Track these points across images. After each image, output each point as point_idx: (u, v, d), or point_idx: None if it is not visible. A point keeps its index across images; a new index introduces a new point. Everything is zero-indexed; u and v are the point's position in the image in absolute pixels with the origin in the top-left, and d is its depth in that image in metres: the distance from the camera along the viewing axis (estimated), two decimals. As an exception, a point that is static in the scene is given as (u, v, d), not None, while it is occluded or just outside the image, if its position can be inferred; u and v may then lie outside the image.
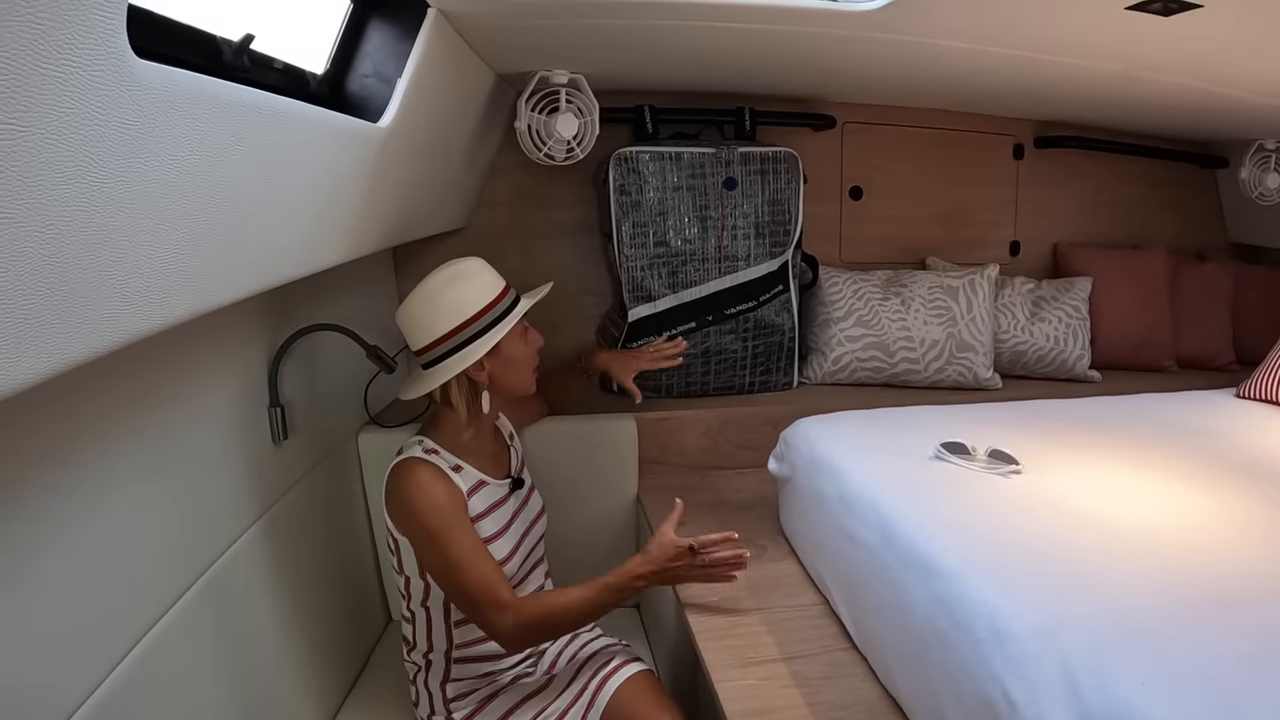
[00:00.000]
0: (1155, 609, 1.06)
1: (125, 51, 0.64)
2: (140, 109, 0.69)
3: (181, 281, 0.86)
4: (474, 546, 1.36)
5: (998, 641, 1.04)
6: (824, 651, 1.45)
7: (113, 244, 0.71)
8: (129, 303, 0.77)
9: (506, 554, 1.47)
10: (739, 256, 2.34)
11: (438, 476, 1.38)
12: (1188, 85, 2.06)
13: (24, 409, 0.87)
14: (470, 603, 1.35)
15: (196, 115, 0.78)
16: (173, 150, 0.76)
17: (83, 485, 1.00)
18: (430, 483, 1.37)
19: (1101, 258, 2.88)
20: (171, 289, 0.84)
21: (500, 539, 1.47)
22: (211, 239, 0.89)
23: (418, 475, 1.37)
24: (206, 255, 0.89)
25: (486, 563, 1.36)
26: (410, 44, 1.37)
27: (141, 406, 1.12)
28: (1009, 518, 1.33)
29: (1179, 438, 1.76)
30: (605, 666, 1.53)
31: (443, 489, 1.37)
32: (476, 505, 1.44)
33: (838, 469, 1.58)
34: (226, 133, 0.85)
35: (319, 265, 1.31)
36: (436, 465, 1.40)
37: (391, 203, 1.59)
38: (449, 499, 1.37)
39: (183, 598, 1.20)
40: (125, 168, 0.69)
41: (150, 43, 0.83)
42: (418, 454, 1.41)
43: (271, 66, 1.20)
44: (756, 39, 1.74)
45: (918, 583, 1.22)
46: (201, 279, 0.90)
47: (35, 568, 0.90)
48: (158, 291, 0.81)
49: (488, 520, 1.46)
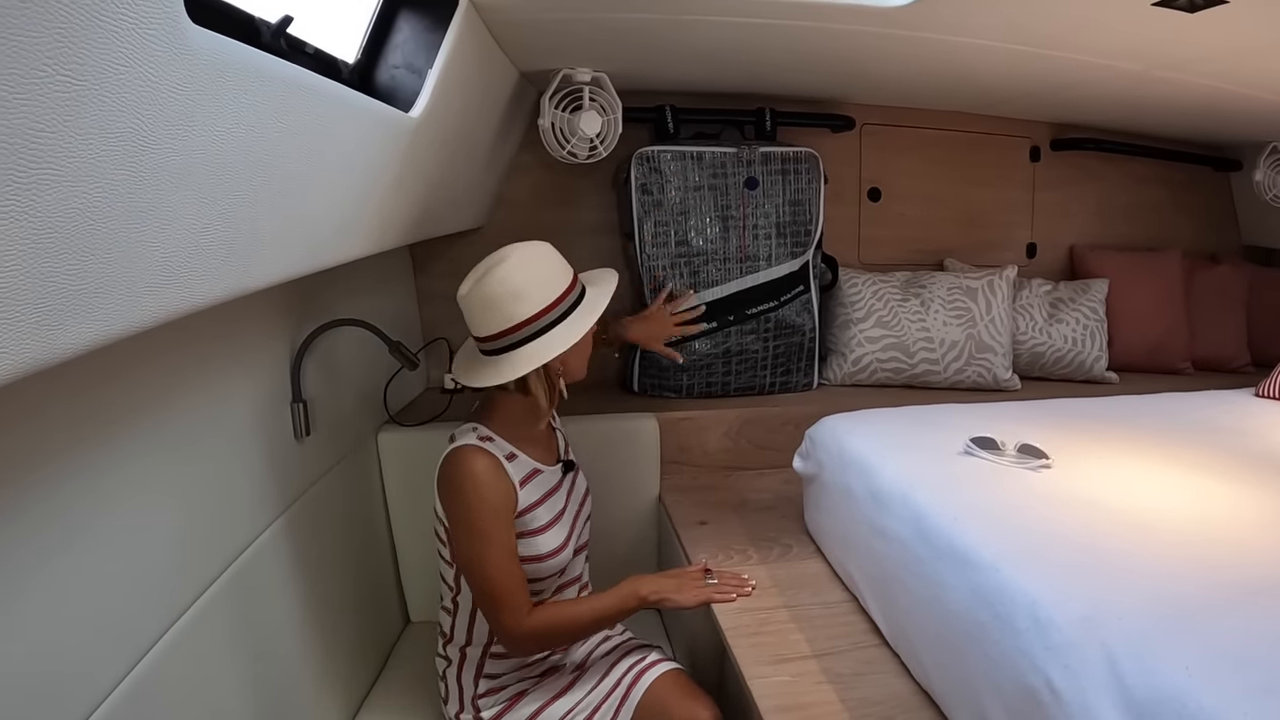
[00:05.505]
0: (1194, 595, 1.04)
1: (181, 14, 0.64)
2: (193, 75, 0.68)
3: (222, 259, 0.85)
4: (507, 549, 1.35)
5: (1039, 631, 1.02)
6: (854, 648, 1.43)
7: (159, 212, 0.71)
8: (171, 277, 0.76)
9: (560, 542, 1.45)
10: (760, 256, 2.34)
11: (492, 467, 1.36)
12: (1205, 85, 2.06)
13: (45, 401, 0.86)
14: (488, 599, 1.35)
15: (245, 87, 0.77)
16: (220, 121, 0.75)
17: (105, 479, 0.98)
18: (484, 474, 1.34)
19: (1117, 260, 2.89)
20: (212, 266, 0.83)
21: (554, 527, 1.45)
22: (252, 218, 0.89)
23: (473, 464, 1.35)
24: (246, 234, 0.88)
25: (513, 567, 1.36)
26: (440, 35, 1.36)
27: (164, 400, 1.11)
28: (1043, 510, 1.31)
29: (1202, 434, 1.76)
30: (640, 663, 1.52)
31: (495, 484, 1.35)
32: (529, 496, 1.42)
33: (867, 465, 1.57)
34: (271, 108, 0.84)
35: (347, 256, 1.31)
36: (492, 454, 1.37)
37: (417, 197, 1.58)
38: (498, 496, 1.35)
39: (205, 593, 1.19)
40: (175, 135, 0.69)
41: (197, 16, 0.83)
42: (473, 440, 1.38)
43: (304, 52, 1.20)
44: (780, 35, 1.74)
45: (954, 575, 1.21)
46: (240, 258, 0.89)
47: (57, 561, 0.88)
48: (199, 267, 0.80)
49: (542, 509, 1.44)
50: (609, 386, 2.50)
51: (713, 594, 1.52)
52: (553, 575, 1.47)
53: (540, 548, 1.42)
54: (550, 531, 1.44)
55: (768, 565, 1.73)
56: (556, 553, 1.44)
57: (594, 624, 1.42)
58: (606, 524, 2.15)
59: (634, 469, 2.17)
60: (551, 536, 1.44)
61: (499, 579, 1.33)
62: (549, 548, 1.43)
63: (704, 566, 1.60)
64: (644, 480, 2.19)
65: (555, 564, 1.44)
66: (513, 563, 1.36)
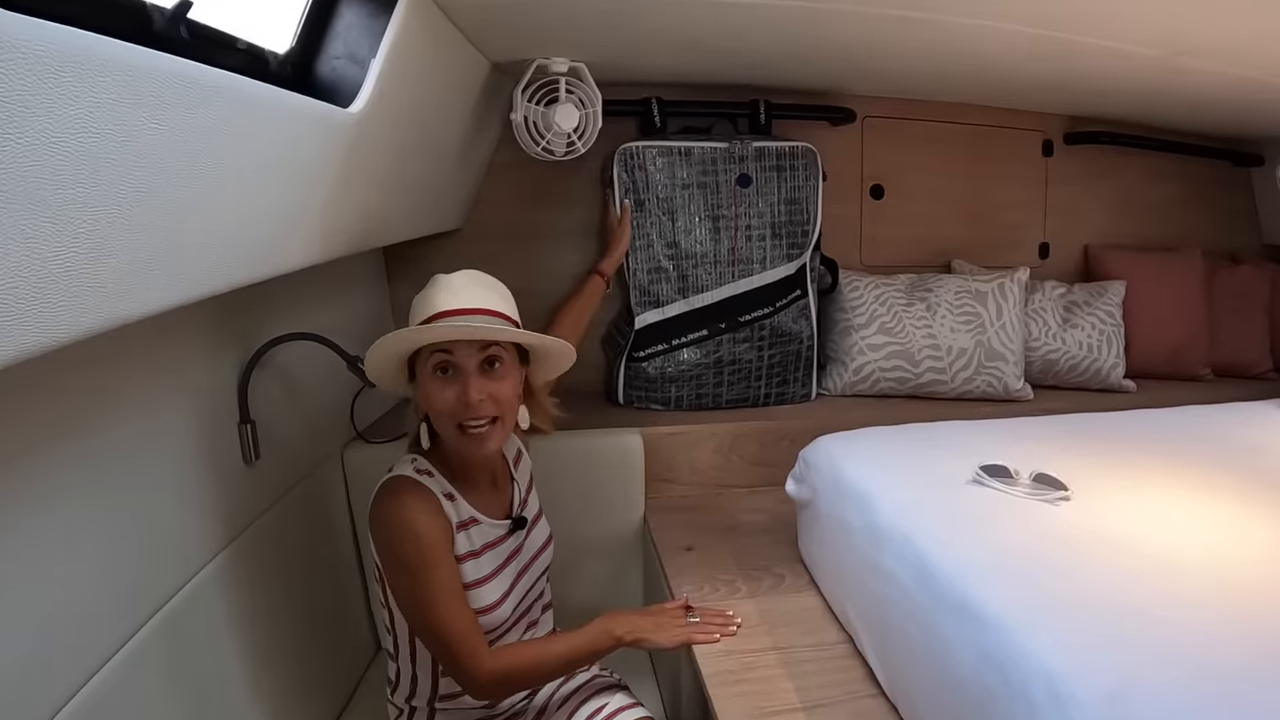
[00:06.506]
0: (1236, 662, 0.92)
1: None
2: (9, 71, 0.55)
3: (89, 288, 0.71)
4: (450, 587, 1.21)
5: (1059, 708, 0.89)
6: (849, 698, 1.30)
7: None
8: (27, 307, 0.63)
9: (497, 599, 1.31)
10: (753, 259, 2.22)
11: (425, 502, 1.23)
12: (1230, 74, 1.97)
13: None
14: (440, 648, 1.22)
15: (90, 82, 0.64)
16: (57, 126, 0.61)
17: (11, 515, 0.88)
18: (415, 509, 1.21)
19: (1134, 261, 2.77)
20: (73, 297, 0.69)
21: (490, 582, 1.31)
22: (122, 239, 0.75)
23: (403, 498, 1.22)
24: (117, 259, 0.74)
25: (461, 608, 1.22)
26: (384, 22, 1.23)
27: (74, 426, 1.00)
28: (1062, 554, 1.18)
29: (1230, 454, 1.64)
30: (600, 713, 1.39)
31: (427, 519, 1.21)
32: (465, 544, 1.28)
33: (864, 494, 1.43)
34: (136, 106, 0.70)
35: (283, 267, 1.18)
36: (427, 489, 1.25)
37: (370, 199, 1.46)
38: (433, 530, 1.21)
39: (136, 635, 1.09)
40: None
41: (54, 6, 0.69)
42: (408, 472, 1.26)
43: (221, 43, 1.06)
44: (770, 18, 1.61)
45: (959, 631, 1.08)
46: (111, 287, 0.75)
47: None
48: (55, 301, 0.67)
49: (481, 560, 1.31)
50: (592, 398, 2.38)
51: (694, 634, 1.42)
52: (495, 629, 1.33)
53: (480, 600, 1.28)
54: (488, 585, 1.31)
55: (756, 599, 1.60)
56: (493, 609, 1.30)
57: (564, 665, 1.32)
58: (587, 548, 2.04)
59: (617, 488, 2.05)
60: (487, 591, 1.31)
61: (447, 624, 1.20)
62: (489, 600, 1.30)
63: (685, 603, 1.49)
64: (628, 500, 2.06)
65: (496, 618, 1.31)
66: (460, 603, 1.22)
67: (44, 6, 0.62)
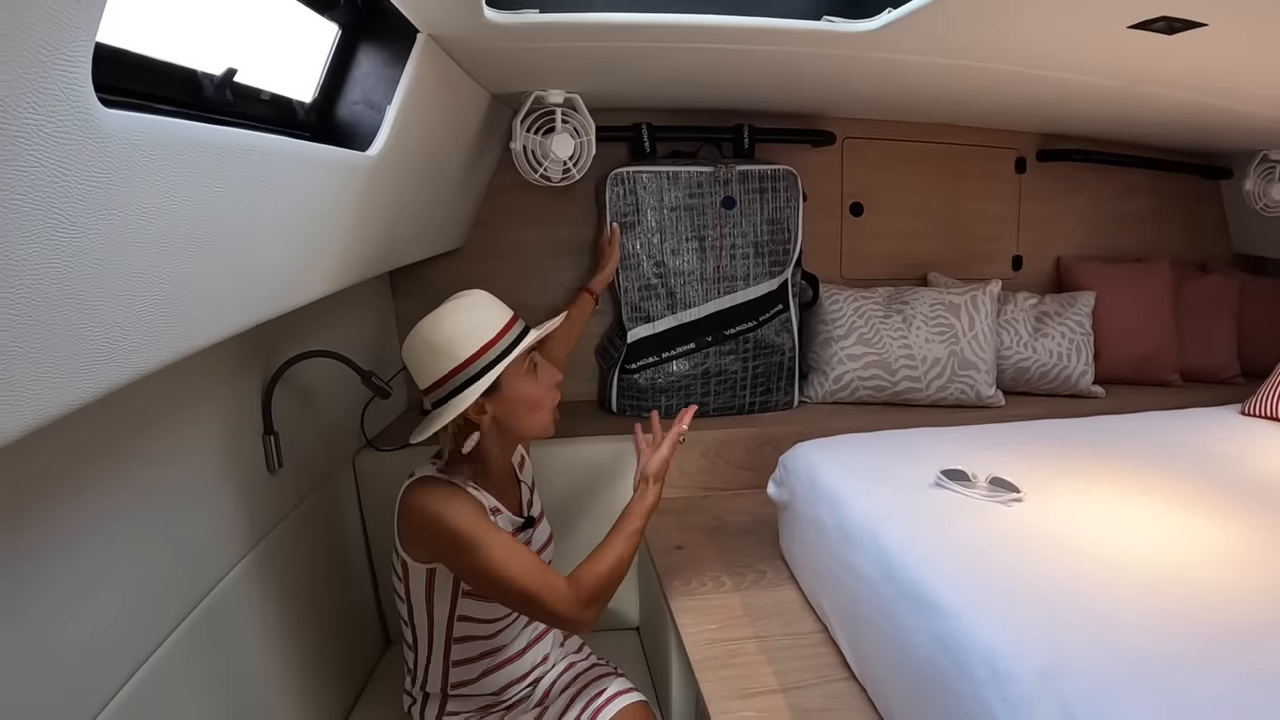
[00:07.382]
0: (1162, 646, 1.03)
1: (90, 102, 0.63)
2: (109, 161, 0.67)
3: (162, 327, 0.84)
4: (507, 544, 1.29)
5: (997, 682, 1.01)
6: (823, 682, 1.43)
7: (86, 297, 0.70)
8: (108, 354, 0.75)
9: None
10: (738, 276, 2.33)
11: (458, 489, 1.34)
12: (1191, 100, 2.04)
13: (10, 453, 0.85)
14: (525, 600, 1.29)
15: (170, 161, 0.76)
16: (146, 199, 0.74)
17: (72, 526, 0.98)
18: (451, 494, 1.31)
19: (1105, 271, 2.86)
20: (151, 336, 0.82)
21: None
22: (192, 282, 0.87)
23: (435, 490, 1.32)
24: (187, 298, 0.87)
25: (524, 558, 1.29)
26: (400, 69, 1.35)
27: (121, 442, 1.09)
28: (1010, 550, 1.30)
29: (1183, 460, 1.74)
30: (599, 697, 1.51)
31: (463, 500, 1.31)
32: None
33: (837, 497, 1.56)
34: (204, 176, 0.83)
35: (307, 297, 1.29)
36: (454, 483, 1.36)
37: (382, 228, 1.57)
38: (472, 506, 1.31)
39: (173, 634, 1.18)
40: (96, 221, 0.68)
41: (122, 81, 0.82)
42: (431, 472, 1.38)
43: (257, 98, 1.19)
44: (755, 59, 1.73)
45: (917, 619, 1.20)
46: (183, 322, 0.88)
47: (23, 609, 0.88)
48: (137, 340, 0.79)
49: None
50: (587, 407, 2.48)
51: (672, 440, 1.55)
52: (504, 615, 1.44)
53: None
54: None
55: (740, 593, 1.73)
56: None
57: (633, 542, 1.41)
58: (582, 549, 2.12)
59: (611, 493, 2.16)
60: None
61: (520, 575, 1.27)
62: None
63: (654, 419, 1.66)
64: (621, 503, 2.13)
65: None
66: (520, 554, 1.29)
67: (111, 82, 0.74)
